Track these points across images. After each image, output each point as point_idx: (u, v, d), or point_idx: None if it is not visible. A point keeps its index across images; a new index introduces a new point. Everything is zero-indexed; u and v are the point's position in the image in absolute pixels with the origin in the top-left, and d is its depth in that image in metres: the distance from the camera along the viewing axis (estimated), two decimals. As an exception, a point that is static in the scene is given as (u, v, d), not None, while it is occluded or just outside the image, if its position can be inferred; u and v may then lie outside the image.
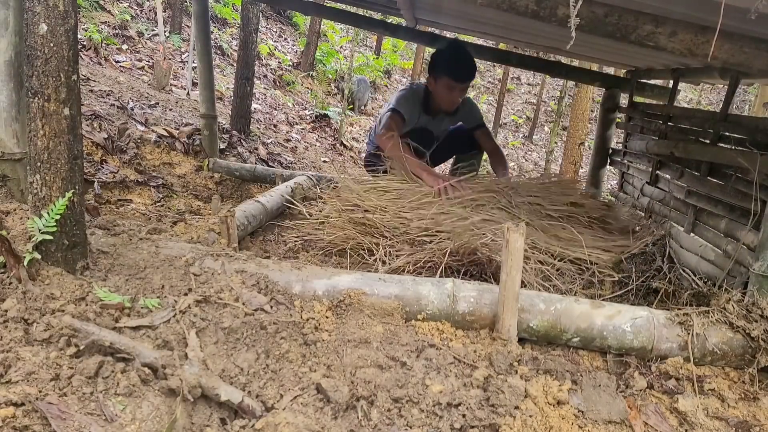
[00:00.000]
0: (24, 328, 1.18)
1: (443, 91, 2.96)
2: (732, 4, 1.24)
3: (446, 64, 2.90)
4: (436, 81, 2.95)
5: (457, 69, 2.90)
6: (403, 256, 1.98)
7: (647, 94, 3.42)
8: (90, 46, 5.62)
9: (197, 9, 3.32)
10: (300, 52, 9.35)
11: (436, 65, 2.96)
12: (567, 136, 7.52)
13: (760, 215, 1.78)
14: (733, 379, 1.55)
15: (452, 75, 2.90)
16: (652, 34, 1.51)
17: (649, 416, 1.39)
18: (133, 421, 1.04)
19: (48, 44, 1.23)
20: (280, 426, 1.10)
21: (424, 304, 1.55)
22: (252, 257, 1.64)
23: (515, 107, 13.84)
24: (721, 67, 2.36)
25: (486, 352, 1.45)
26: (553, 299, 1.60)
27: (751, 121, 2.27)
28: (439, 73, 2.92)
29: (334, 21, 8.25)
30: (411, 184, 2.47)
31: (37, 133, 1.27)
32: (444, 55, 2.95)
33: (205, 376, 1.15)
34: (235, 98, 4.71)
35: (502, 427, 1.21)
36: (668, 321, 1.59)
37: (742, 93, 13.64)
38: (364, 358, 1.34)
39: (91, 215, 1.77)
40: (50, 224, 1.29)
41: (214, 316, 1.34)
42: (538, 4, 1.52)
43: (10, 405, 0.97)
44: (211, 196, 3.01)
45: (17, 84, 1.58)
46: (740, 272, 1.89)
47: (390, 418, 1.20)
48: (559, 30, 1.54)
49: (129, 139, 3.17)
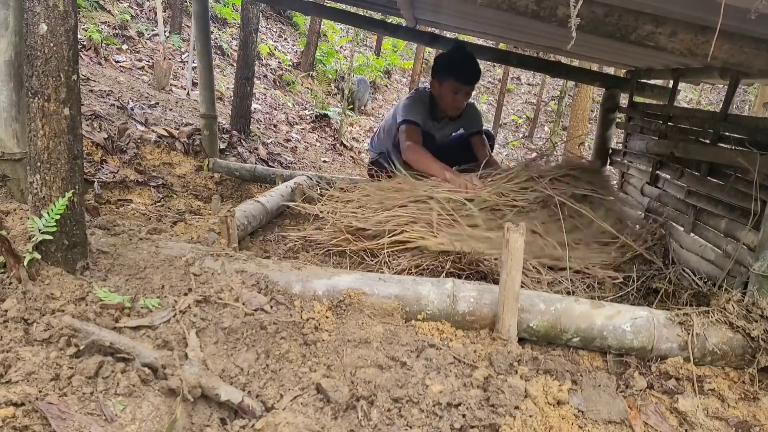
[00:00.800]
0: (24, 328, 1.18)
1: (448, 94, 2.95)
2: (732, 4, 1.24)
3: (451, 66, 2.89)
4: (441, 84, 2.94)
5: (462, 71, 2.90)
6: (404, 261, 1.98)
7: (647, 94, 3.42)
8: (90, 46, 5.62)
9: (197, 9, 3.32)
10: (300, 52, 9.35)
11: (440, 68, 2.95)
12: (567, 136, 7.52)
13: (760, 215, 1.78)
14: (733, 379, 1.55)
15: (457, 77, 2.89)
16: (652, 34, 1.51)
17: (649, 416, 1.39)
18: (133, 421, 1.04)
19: (48, 44, 1.23)
20: (280, 426, 1.10)
21: (424, 304, 1.55)
22: (252, 257, 1.64)
23: (515, 107, 13.85)
24: (721, 67, 2.36)
25: (486, 352, 1.45)
26: (553, 299, 1.60)
27: (751, 121, 2.27)
28: (444, 75, 2.91)
29: (334, 21, 8.25)
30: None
31: (37, 133, 1.27)
32: (448, 57, 2.94)
33: (205, 376, 1.15)
34: (235, 98, 4.71)
35: (502, 427, 1.21)
36: (668, 321, 1.59)
37: (742, 93, 13.64)
38: (364, 358, 1.34)
39: (91, 215, 1.77)
40: (50, 224, 1.29)
41: (214, 316, 1.34)
42: (538, 4, 1.51)
43: (10, 405, 0.97)
44: (211, 196, 3.01)
45: (17, 84, 1.58)
46: (740, 272, 1.89)
47: (390, 418, 1.20)
48: (560, 30, 1.54)
49: (129, 139, 3.17)
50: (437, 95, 3.01)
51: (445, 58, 2.96)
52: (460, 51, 2.99)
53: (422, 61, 10.67)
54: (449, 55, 2.96)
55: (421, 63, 10.59)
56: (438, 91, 2.98)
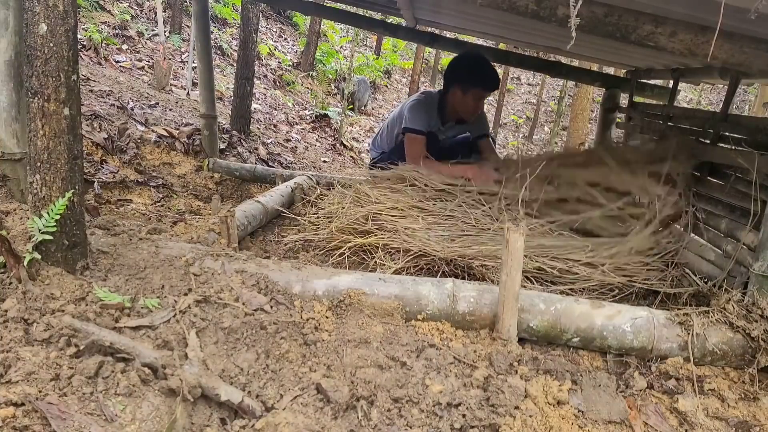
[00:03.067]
0: (24, 328, 1.18)
1: (471, 102, 2.95)
2: (732, 4, 1.24)
3: (478, 76, 2.89)
4: (465, 92, 2.92)
5: (489, 79, 2.92)
6: (401, 261, 1.98)
7: (647, 94, 3.41)
8: (90, 46, 5.62)
9: (197, 9, 3.32)
10: (300, 52, 9.35)
11: (464, 77, 2.92)
12: (567, 136, 7.52)
13: (760, 215, 1.78)
14: (733, 379, 1.55)
15: (485, 86, 2.91)
16: (652, 34, 1.51)
17: (649, 416, 1.39)
18: (133, 421, 1.04)
19: (48, 44, 1.23)
20: (280, 426, 1.10)
21: (424, 304, 1.55)
22: (252, 257, 1.64)
23: (515, 107, 13.85)
24: (721, 67, 2.36)
25: (486, 352, 1.45)
26: (553, 299, 1.60)
27: (751, 121, 2.27)
28: (468, 84, 2.90)
29: (334, 21, 8.25)
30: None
31: (37, 133, 1.27)
32: (469, 65, 2.93)
33: (205, 376, 1.15)
34: (235, 98, 4.71)
35: (502, 427, 1.21)
36: (668, 321, 1.59)
37: (742, 93, 13.64)
38: (364, 358, 1.34)
39: (91, 215, 1.77)
40: (50, 224, 1.29)
41: (214, 316, 1.34)
42: (538, 4, 1.51)
43: (10, 405, 0.97)
44: (211, 196, 3.01)
45: (17, 84, 1.58)
46: (740, 272, 1.89)
47: (390, 418, 1.20)
48: (559, 30, 1.54)
49: (129, 139, 3.17)
50: (456, 102, 2.98)
51: (465, 65, 2.94)
52: (479, 58, 2.98)
53: (422, 61, 10.67)
54: (470, 63, 2.94)
55: (421, 63, 10.59)
56: (460, 99, 2.96)
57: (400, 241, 2.01)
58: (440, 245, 1.99)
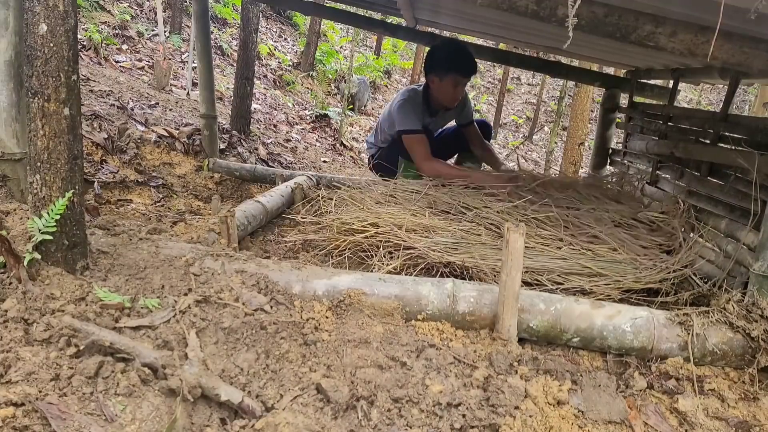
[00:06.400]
0: (24, 328, 1.18)
1: (450, 89, 2.97)
2: (732, 4, 1.24)
3: (452, 62, 2.91)
4: (442, 79, 2.95)
5: (463, 64, 2.92)
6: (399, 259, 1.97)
7: (647, 94, 3.42)
8: (90, 46, 5.63)
9: (197, 9, 3.32)
10: (300, 52, 9.35)
11: (439, 64, 2.95)
12: (567, 136, 7.52)
13: (760, 215, 1.78)
14: (733, 379, 1.55)
15: (460, 71, 2.92)
16: (652, 34, 1.51)
17: (649, 416, 1.39)
18: (133, 421, 1.04)
19: (48, 44, 1.23)
20: (280, 426, 1.10)
21: (424, 304, 1.55)
22: (252, 257, 1.64)
23: (515, 107, 13.84)
24: (721, 67, 2.36)
25: (486, 352, 1.45)
26: (553, 299, 1.60)
27: (751, 121, 2.27)
28: (444, 71, 2.93)
29: (334, 21, 8.25)
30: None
31: (37, 133, 1.27)
32: (444, 53, 2.95)
33: (205, 376, 1.15)
34: (235, 98, 4.71)
35: (502, 427, 1.21)
36: (668, 321, 1.59)
37: (742, 93, 13.63)
38: (364, 358, 1.34)
39: (91, 215, 1.77)
40: (50, 224, 1.29)
41: (214, 316, 1.34)
42: (538, 4, 1.52)
43: (10, 405, 0.97)
44: (211, 196, 3.01)
45: (17, 84, 1.58)
46: (740, 272, 1.89)
47: (390, 418, 1.20)
48: (559, 30, 1.54)
49: (129, 139, 3.17)
50: (436, 90, 3.02)
51: (442, 53, 2.96)
52: (454, 44, 3.02)
53: (422, 61, 10.65)
54: (445, 51, 2.96)
55: (421, 63, 10.57)
56: (438, 86, 2.99)
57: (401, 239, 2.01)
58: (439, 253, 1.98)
